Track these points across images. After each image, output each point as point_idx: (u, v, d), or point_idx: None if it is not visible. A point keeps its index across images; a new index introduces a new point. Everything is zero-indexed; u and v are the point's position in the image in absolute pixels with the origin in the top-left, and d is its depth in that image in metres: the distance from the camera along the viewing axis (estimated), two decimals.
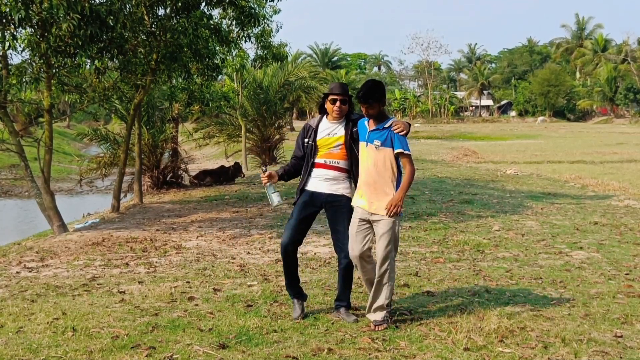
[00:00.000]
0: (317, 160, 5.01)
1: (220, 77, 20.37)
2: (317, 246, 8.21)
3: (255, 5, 12.77)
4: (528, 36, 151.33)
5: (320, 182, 5.00)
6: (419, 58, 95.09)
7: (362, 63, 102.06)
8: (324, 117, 5.08)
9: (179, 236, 9.30)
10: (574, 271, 6.57)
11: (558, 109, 79.16)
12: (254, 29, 14.05)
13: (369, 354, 4.25)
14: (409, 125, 4.87)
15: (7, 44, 9.21)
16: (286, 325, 4.84)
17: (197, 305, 5.49)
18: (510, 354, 4.20)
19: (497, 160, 24.07)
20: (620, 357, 4.16)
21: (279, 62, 18.92)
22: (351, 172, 5.00)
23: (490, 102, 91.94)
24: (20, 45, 9.02)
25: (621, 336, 4.52)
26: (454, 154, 27.68)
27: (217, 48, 13.34)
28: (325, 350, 4.29)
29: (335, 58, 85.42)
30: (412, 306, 5.30)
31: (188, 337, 4.62)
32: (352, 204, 4.91)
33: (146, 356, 4.24)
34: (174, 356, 4.24)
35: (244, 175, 18.52)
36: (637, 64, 71.41)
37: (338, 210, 4.98)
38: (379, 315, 4.77)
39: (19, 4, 8.36)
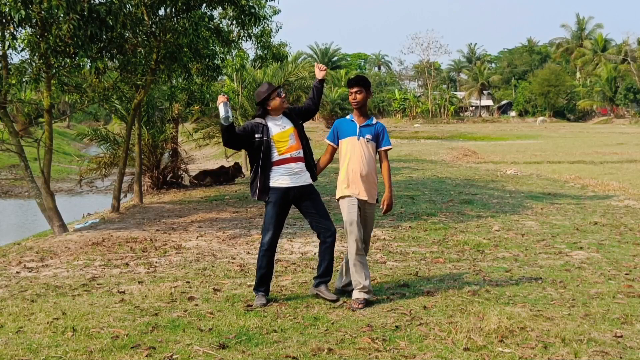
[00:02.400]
0: (283, 156, 5.29)
1: (220, 77, 20.36)
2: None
3: (255, 6, 12.76)
4: (528, 36, 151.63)
5: (291, 176, 5.29)
6: (419, 58, 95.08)
7: (362, 63, 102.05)
8: (266, 116, 5.39)
9: (179, 236, 9.30)
10: (574, 271, 6.57)
11: (558, 109, 79.16)
12: (254, 29, 14.05)
13: (369, 354, 4.24)
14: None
15: (7, 43, 9.21)
16: (286, 325, 4.84)
17: (197, 305, 5.49)
18: (510, 354, 4.20)
19: (497, 160, 24.07)
20: (620, 357, 4.16)
21: (279, 62, 18.93)
22: (306, 159, 5.39)
23: (490, 102, 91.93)
24: (20, 45, 9.03)
25: (621, 336, 4.52)
26: (454, 154, 27.67)
27: (217, 48, 13.34)
28: (325, 350, 4.29)
29: (335, 58, 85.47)
30: (412, 306, 5.30)
31: (188, 337, 4.62)
32: (339, 195, 5.36)
33: (146, 356, 4.24)
34: (174, 356, 4.24)
35: (244, 176, 18.52)
36: (637, 64, 71.41)
37: (310, 197, 5.37)
38: (362, 294, 5.26)
39: (19, 3, 8.36)
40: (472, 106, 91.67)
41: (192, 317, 5.11)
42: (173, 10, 11.11)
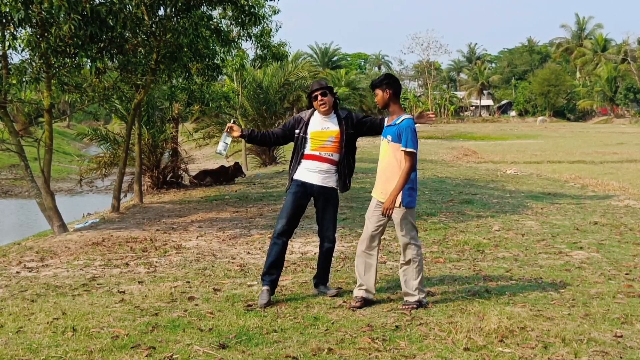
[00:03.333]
0: (311, 152, 5.32)
1: (220, 77, 20.38)
2: (317, 246, 8.18)
3: (255, 5, 12.77)
4: (528, 36, 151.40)
5: (313, 173, 5.31)
6: (419, 58, 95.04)
7: (362, 63, 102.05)
8: (315, 111, 5.38)
9: (179, 236, 9.30)
10: (574, 271, 6.57)
11: (558, 109, 79.18)
12: (253, 29, 14.05)
13: (369, 354, 4.24)
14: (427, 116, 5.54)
15: (7, 43, 9.21)
16: (286, 325, 4.84)
17: (197, 305, 5.49)
18: (510, 354, 4.20)
19: (497, 160, 24.08)
20: (620, 357, 4.16)
21: (279, 62, 18.95)
22: (340, 166, 5.37)
23: (490, 102, 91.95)
24: (20, 45, 9.02)
25: (621, 336, 4.52)
26: (454, 153, 27.68)
27: (217, 48, 13.35)
28: (325, 350, 4.29)
29: (335, 58, 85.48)
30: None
31: (188, 337, 4.62)
32: (372, 194, 5.38)
33: (146, 356, 4.24)
34: (174, 356, 4.24)
35: (245, 175, 18.52)
36: (637, 64, 71.42)
37: (328, 201, 5.39)
38: (410, 298, 5.24)
39: (19, 4, 8.35)
40: (472, 106, 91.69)
41: (192, 317, 5.11)
42: (173, 10, 11.10)
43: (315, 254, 7.70)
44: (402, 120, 5.16)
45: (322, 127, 5.32)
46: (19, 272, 7.28)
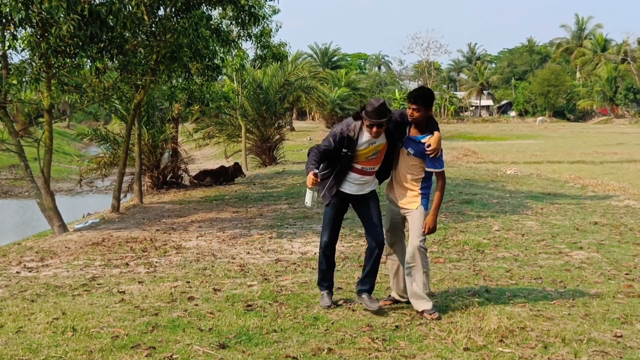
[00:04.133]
0: (353, 165, 5.08)
1: (220, 77, 20.38)
2: (317, 246, 8.20)
3: (255, 5, 12.77)
4: (528, 36, 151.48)
5: (353, 185, 5.16)
6: (419, 58, 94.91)
7: (362, 63, 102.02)
8: (363, 126, 4.93)
9: (179, 236, 9.30)
10: (574, 271, 6.57)
11: (558, 109, 79.17)
12: (253, 29, 14.05)
13: (369, 354, 4.24)
14: (439, 139, 5.02)
15: (7, 43, 9.21)
16: (286, 325, 4.84)
17: (197, 305, 5.49)
18: (510, 354, 4.20)
19: (497, 160, 24.08)
20: (620, 357, 4.16)
21: (279, 62, 18.93)
22: (378, 171, 5.22)
23: (490, 102, 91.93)
24: (20, 45, 9.03)
25: (621, 336, 4.52)
26: (454, 154, 27.68)
27: (217, 48, 13.34)
28: (325, 350, 4.29)
29: (335, 58, 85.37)
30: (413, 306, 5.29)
31: (188, 337, 4.62)
32: (386, 192, 5.29)
33: (146, 356, 4.24)
34: (174, 356, 4.24)
35: (245, 175, 18.51)
36: (637, 64, 71.42)
37: (365, 202, 5.22)
38: (423, 305, 4.99)
39: (19, 4, 8.36)
40: (472, 106, 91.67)
41: (192, 317, 5.10)
42: (173, 10, 11.10)
43: (315, 254, 7.70)
44: (426, 140, 4.95)
45: (369, 144, 4.97)
46: (19, 272, 7.28)
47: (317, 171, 4.87)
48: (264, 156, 24.77)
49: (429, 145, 4.92)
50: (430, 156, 4.95)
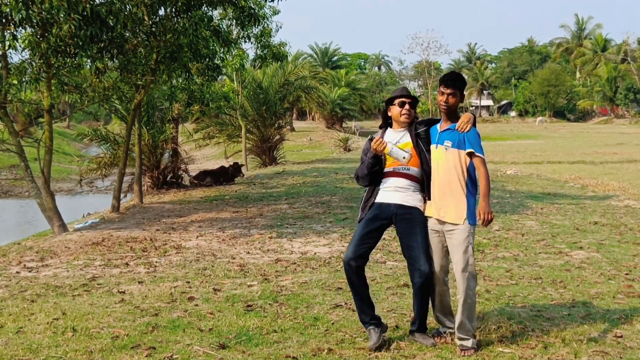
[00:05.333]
0: (386, 169, 4.57)
1: (220, 77, 20.38)
2: (317, 246, 8.21)
3: (255, 6, 12.77)
4: (528, 36, 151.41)
5: (390, 192, 4.53)
6: (419, 58, 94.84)
7: (362, 63, 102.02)
8: (387, 129, 4.69)
9: (179, 236, 9.30)
10: (574, 271, 6.57)
11: (558, 109, 79.15)
12: (253, 29, 14.05)
13: (369, 354, 4.24)
14: (474, 117, 4.51)
15: (7, 43, 9.21)
16: (286, 325, 4.84)
17: (197, 305, 5.49)
18: (510, 354, 4.20)
19: (497, 160, 24.05)
20: (620, 357, 4.16)
21: (279, 62, 18.95)
22: (424, 182, 4.53)
23: (490, 102, 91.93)
24: (20, 45, 9.03)
25: (621, 336, 4.52)
26: None
27: (217, 48, 13.34)
28: (325, 350, 4.29)
29: (335, 58, 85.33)
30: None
31: (188, 337, 4.62)
32: (425, 214, 4.50)
33: (146, 356, 4.24)
34: (174, 356, 4.24)
35: (244, 175, 18.50)
36: (637, 64, 71.39)
37: (410, 223, 4.48)
38: (466, 341, 4.30)
39: (20, 4, 8.36)
40: (472, 106, 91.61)
41: (192, 317, 5.11)
42: (173, 10, 11.10)
43: (315, 254, 7.70)
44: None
45: (396, 142, 4.56)
46: (19, 272, 7.28)
47: (372, 136, 4.56)
48: (264, 156, 24.76)
49: (460, 126, 4.41)
50: (466, 130, 4.36)
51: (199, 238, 9.10)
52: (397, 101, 4.58)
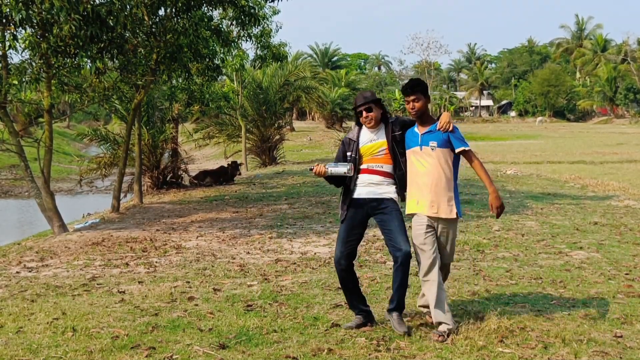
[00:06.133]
0: (361, 166, 4.88)
1: (220, 77, 20.38)
2: (317, 246, 8.21)
3: (255, 6, 12.77)
4: (528, 36, 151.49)
5: (364, 187, 4.86)
6: (419, 58, 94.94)
7: (362, 63, 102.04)
8: (362, 127, 4.96)
9: (179, 236, 9.30)
10: (574, 271, 6.56)
11: (558, 109, 79.16)
12: (253, 29, 14.06)
13: (369, 354, 4.24)
14: (447, 115, 4.82)
15: (7, 44, 9.21)
16: (286, 325, 4.84)
17: (197, 305, 5.49)
18: (510, 354, 4.20)
19: (497, 160, 24.06)
20: (620, 357, 4.16)
21: (279, 62, 18.96)
22: (395, 176, 4.86)
23: (490, 102, 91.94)
24: (20, 46, 9.03)
25: (621, 336, 4.52)
26: None
27: (217, 48, 13.34)
28: (325, 350, 4.29)
29: (335, 58, 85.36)
30: (412, 306, 5.29)
31: (188, 337, 4.62)
32: (409, 212, 4.81)
33: (146, 356, 4.24)
34: (174, 356, 4.24)
35: (240, 173, 18.50)
36: (637, 64, 71.38)
37: (386, 213, 4.80)
38: (441, 326, 4.57)
39: (20, 4, 8.36)
40: (472, 106, 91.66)
41: (192, 317, 5.11)
42: (173, 10, 11.11)
43: (315, 254, 7.71)
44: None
45: (370, 140, 4.89)
46: (19, 272, 7.28)
47: (312, 167, 4.89)
48: (264, 156, 24.77)
49: (441, 125, 4.71)
50: (449, 130, 4.69)
51: (199, 238, 9.10)
52: (358, 110, 4.89)
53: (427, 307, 4.82)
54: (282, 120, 26.54)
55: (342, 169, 4.75)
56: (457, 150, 4.69)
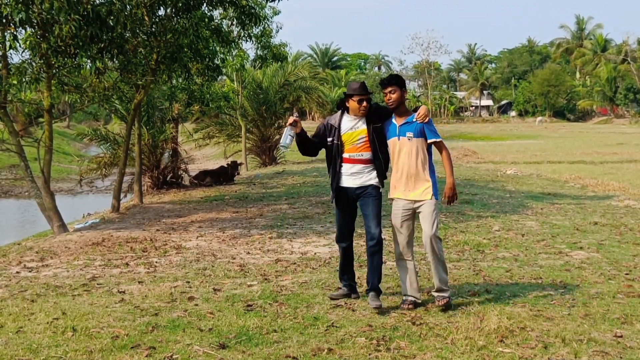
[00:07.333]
0: (343, 155, 5.32)
1: (220, 77, 20.39)
2: (317, 246, 8.21)
3: (256, 6, 12.77)
4: (528, 36, 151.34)
5: (348, 177, 5.32)
6: (419, 58, 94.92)
7: (362, 63, 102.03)
8: (344, 112, 5.36)
9: (179, 236, 9.30)
10: (574, 271, 6.57)
11: (558, 109, 79.15)
12: (254, 29, 14.05)
13: (369, 354, 4.25)
14: (425, 108, 5.30)
15: (7, 44, 9.21)
16: (286, 325, 4.84)
17: (197, 305, 5.49)
18: (510, 354, 4.20)
19: (497, 160, 24.08)
20: (620, 357, 4.16)
21: (279, 62, 18.96)
22: (374, 162, 5.29)
23: (490, 102, 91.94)
24: (21, 46, 9.03)
25: (621, 336, 4.52)
26: (454, 154, 27.65)
27: (218, 48, 13.34)
28: (325, 350, 4.29)
29: (335, 58, 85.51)
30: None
31: (188, 337, 4.62)
32: (390, 196, 5.33)
33: (146, 356, 4.24)
34: (174, 356, 4.24)
35: (239, 173, 18.50)
36: (637, 64, 71.37)
37: (366, 198, 5.29)
38: (445, 292, 5.21)
39: (20, 4, 8.36)
40: (472, 106, 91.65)
41: (192, 317, 5.11)
42: (173, 10, 11.10)
43: (315, 254, 7.71)
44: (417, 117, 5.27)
45: (352, 128, 5.30)
46: (19, 272, 7.28)
47: (297, 115, 5.40)
48: (264, 156, 24.77)
49: (419, 117, 5.21)
50: (425, 122, 5.20)
51: (199, 238, 9.10)
52: (356, 98, 5.24)
53: (435, 290, 5.32)
54: (282, 120, 26.52)
55: (288, 139, 5.31)
56: (429, 141, 5.23)
